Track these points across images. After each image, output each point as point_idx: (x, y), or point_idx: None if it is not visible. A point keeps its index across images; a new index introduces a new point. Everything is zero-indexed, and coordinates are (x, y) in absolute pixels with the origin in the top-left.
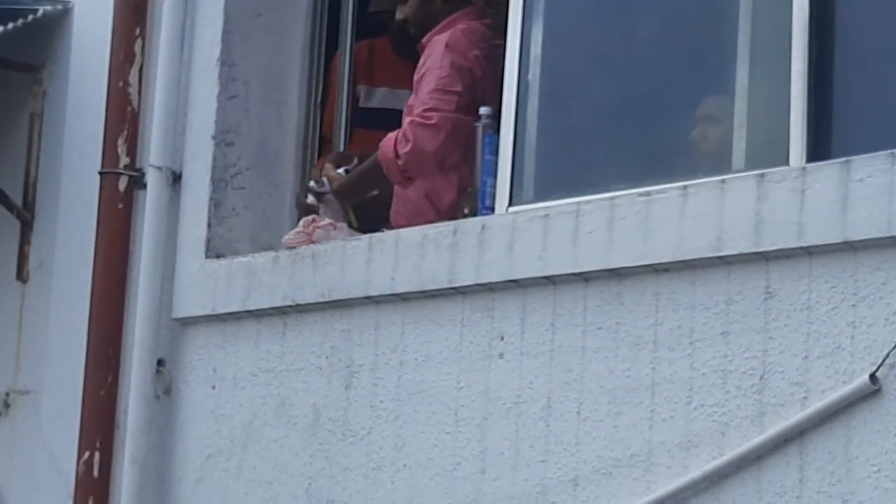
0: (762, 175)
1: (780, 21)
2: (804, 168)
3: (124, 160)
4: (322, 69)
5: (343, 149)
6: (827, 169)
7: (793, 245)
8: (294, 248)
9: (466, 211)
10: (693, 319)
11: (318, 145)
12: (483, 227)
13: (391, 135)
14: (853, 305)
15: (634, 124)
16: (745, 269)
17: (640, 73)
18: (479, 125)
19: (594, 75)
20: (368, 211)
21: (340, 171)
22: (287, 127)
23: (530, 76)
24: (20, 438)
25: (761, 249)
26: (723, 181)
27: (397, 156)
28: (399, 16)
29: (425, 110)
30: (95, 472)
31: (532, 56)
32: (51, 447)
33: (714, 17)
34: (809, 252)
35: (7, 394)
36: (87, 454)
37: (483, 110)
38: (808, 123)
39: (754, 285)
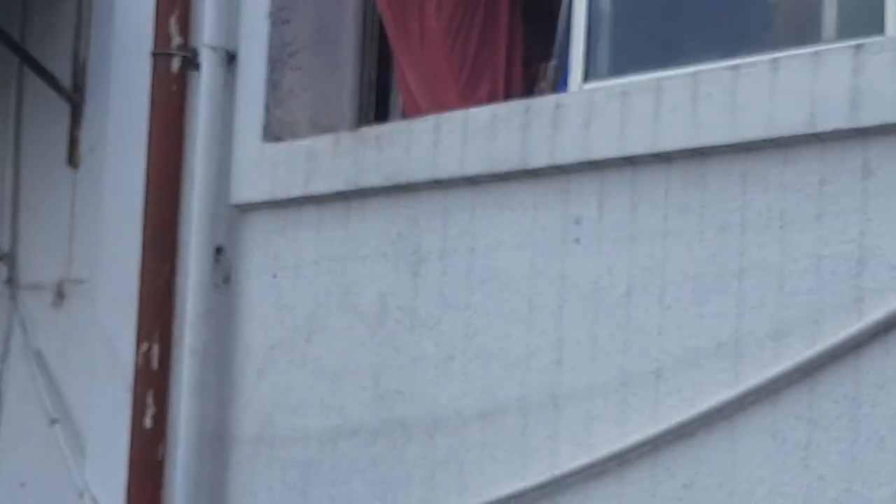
0: (859, 46)
1: None
2: None
3: (177, 40)
4: None
5: None
6: None
7: (893, 120)
8: None
9: (543, 85)
10: (784, 201)
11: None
12: (557, 105)
13: None
14: None
15: None
16: (841, 146)
17: None
18: None
19: None
20: None
21: None
22: (346, 3)
23: None
24: (75, 329)
25: (858, 125)
26: (816, 53)
27: None
28: None
29: None
30: (154, 364)
31: None
32: (108, 338)
33: None
34: None
35: (61, 283)
36: (145, 345)
37: None
38: None
39: (851, 163)
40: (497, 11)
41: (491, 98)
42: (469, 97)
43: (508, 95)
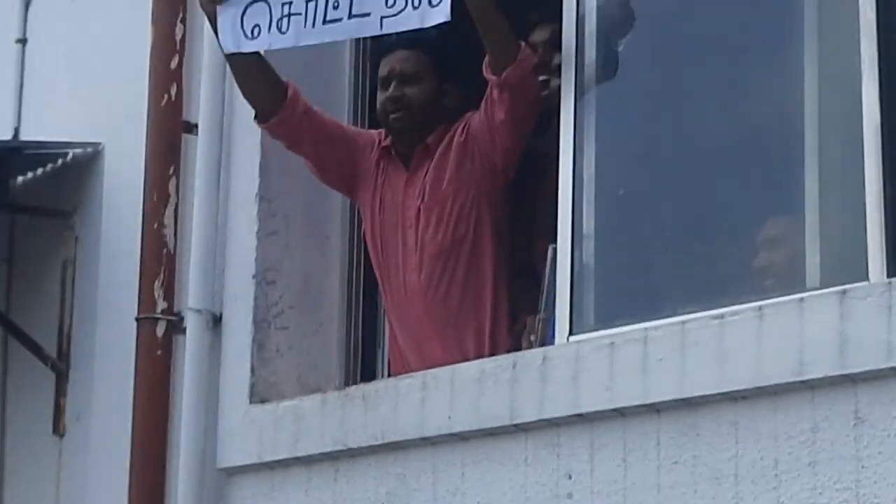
0: (844, 292)
1: (850, 129)
2: (889, 283)
3: (161, 304)
4: None
5: None
6: None
7: (882, 365)
8: None
9: (533, 339)
10: (777, 450)
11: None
12: (544, 358)
13: None
14: None
15: (700, 242)
16: (831, 393)
17: (704, 187)
18: (553, 247)
19: (654, 191)
20: None
21: None
22: (331, 262)
23: (585, 195)
24: None
25: (848, 371)
26: (801, 300)
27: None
28: (395, 92)
29: None
30: None
31: (586, 175)
32: None
33: (779, 126)
34: None
35: None
36: None
37: None
38: (888, 234)
39: (842, 410)
40: (480, 265)
41: (477, 352)
42: (455, 352)
43: (495, 349)
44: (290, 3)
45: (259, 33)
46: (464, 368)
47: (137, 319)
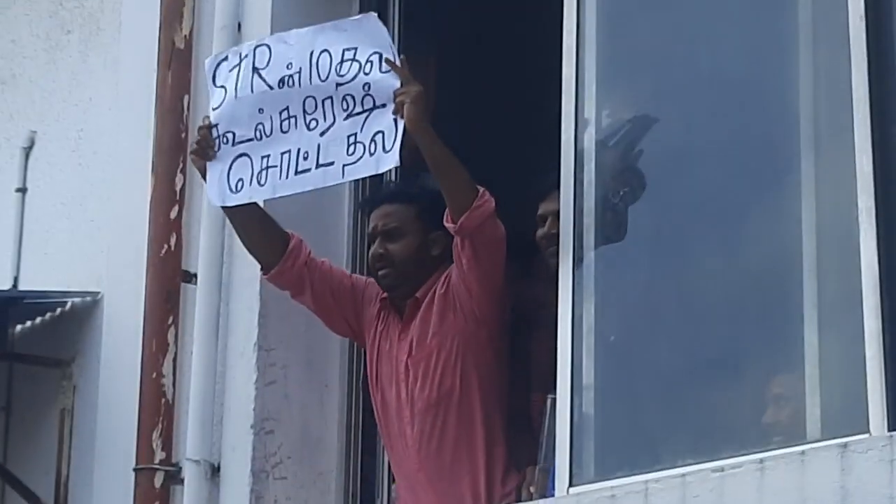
0: (845, 445)
1: (848, 277)
2: (890, 436)
3: (160, 455)
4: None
5: None
6: None
7: None
8: None
9: (533, 490)
10: None
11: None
12: None
13: None
14: None
15: (700, 393)
16: None
17: (702, 337)
18: (551, 397)
19: (654, 340)
20: None
21: None
22: (329, 411)
23: (585, 345)
24: None
25: None
26: (802, 453)
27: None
28: (379, 249)
29: None
30: None
31: (585, 325)
32: None
33: (778, 277)
34: None
35: None
36: None
37: None
38: (888, 386)
39: None
40: (471, 418)
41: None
42: (449, 502)
43: (490, 502)
44: (269, 157)
45: (242, 187)
46: None
47: (135, 470)
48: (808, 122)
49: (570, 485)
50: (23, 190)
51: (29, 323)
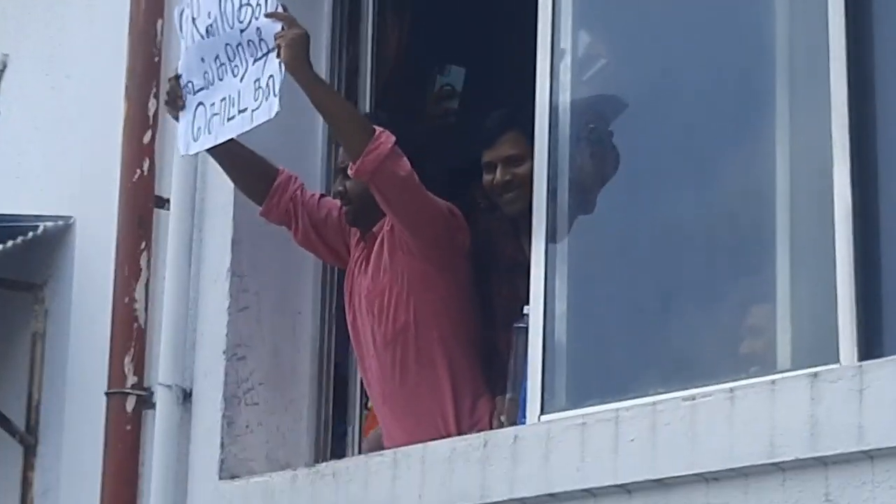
0: (815, 374)
1: (821, 209)
2: (860, 366)
3: (131, 379)
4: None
5: None
6: (886, 366)
7: (853, 449)
8: None
9: (503, 419)
10: None
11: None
12: (515, 437)
13: None
14: None
15: (672, 323)
16: (802, 475)
17: (675, 268)
18: (521, 326)
19: (626, 271)
20: None
21: None
22: (302, 338)
23: (558, 275)
24: None
25: (819, 454)
26: (773, 382)
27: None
28: (338, 186)
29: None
30: None
31: (559, 257)
32: None
33: (751, 208)
34: (871, 456)
35: None
36: None
37: (527, 309)
38: (858, 317)
39: (813, 493)
40: (430, 352)
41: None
42: (416, 434)
43: (459, 433)
44: (214, 104)
45: (199, 135)
46: (434, 447)
47: (107, 394)
48: (783, 55)
49: (542, 412)
50: None
51: (0, 246)
